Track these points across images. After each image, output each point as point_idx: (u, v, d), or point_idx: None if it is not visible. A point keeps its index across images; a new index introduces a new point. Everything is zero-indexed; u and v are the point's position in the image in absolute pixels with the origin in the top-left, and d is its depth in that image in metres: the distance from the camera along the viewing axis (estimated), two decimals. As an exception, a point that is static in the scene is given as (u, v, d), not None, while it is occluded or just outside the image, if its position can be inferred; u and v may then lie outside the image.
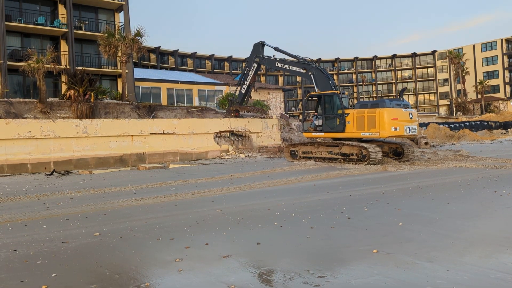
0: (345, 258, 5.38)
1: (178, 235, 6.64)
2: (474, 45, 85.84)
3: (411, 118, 17.58)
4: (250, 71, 23.15)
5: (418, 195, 9.69)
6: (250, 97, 25.15)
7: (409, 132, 17.47)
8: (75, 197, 10.82)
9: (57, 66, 23.27)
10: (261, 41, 22.54)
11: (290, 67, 20.98)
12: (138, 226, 7.35)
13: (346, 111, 18.27)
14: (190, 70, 71.95)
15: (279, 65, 21.48)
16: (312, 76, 19.78)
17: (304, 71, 20.22)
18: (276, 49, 21.79)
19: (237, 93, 24.60)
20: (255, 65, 22.83)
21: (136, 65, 60.15)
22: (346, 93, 19.77)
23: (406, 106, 17.83)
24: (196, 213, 8.36)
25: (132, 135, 20.13)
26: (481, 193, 9.76)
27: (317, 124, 19.60)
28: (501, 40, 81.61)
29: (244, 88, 23.83)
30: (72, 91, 21.63)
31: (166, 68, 71.13)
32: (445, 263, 4.93)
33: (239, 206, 9.00)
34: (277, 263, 5.24)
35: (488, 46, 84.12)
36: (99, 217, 8.20)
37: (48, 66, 21.43)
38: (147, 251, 5.84)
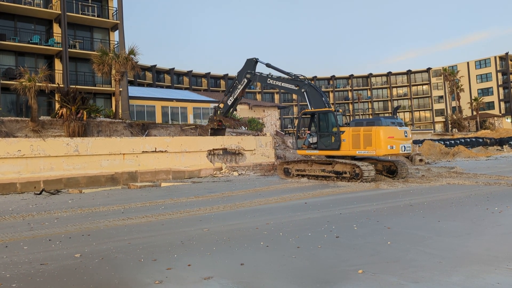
0: (329, 279, 5.23)
1: (161, 256, 6.47)
2: (468, 63, 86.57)
3: (406, 136, 17.52)
4: (240, 86, 22.76)
5: (409, 213, 9.56)
6: (236, 110, 24.77)
7: (404, 150, 17.37)
8: (61, 217, 10.63)
9: (50, 85, 23.19)
10: (255, 58, 22.30)
11: (282, 83, 20.74)
12: (121, 246, 7.17)
13: (341, 129, 18.16)
14: (186, 88, 72.23)
15: (271, 81, 21.24)
16: (305, 93, 19.65)
17: (296, 88, 20.07)
18: (268, 65, 21.58)
19: (223, 104, 24.23)
20: (245, 80, 22.47)
21: (132, 83, 60.34)
22: (340, 110, 19.65)
23: (400, 124, 17.78)
24: (183, 232, 8.20)
25: (124, 154, 19.97)
26: (472, 210, 9.64)
27: (311, 142, 19.50)
28: (495, 57, 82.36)
29: (230, 100, 23.35)
30: (64, 110, 21.53)
31: (162, 86, 71.34)
32: (430, 284, 4.79)
33: (227, 225, 8.84)
34: (259, 284, 5.08)
35: (482, 63, 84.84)
36: (82, 237, 8.02)
37: (40, 84, 21.37)
38: (127, 273, 5.67)
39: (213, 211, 10.76)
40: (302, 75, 20.20)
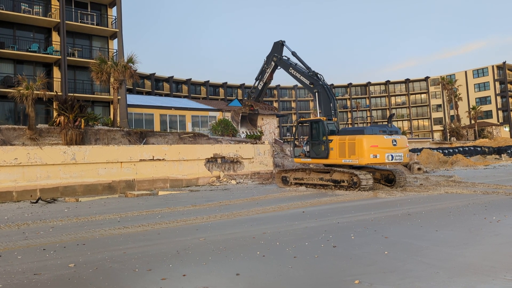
0: (325, 289, 5.17)
1: (156, 266, 6.40)
2: (466, 72, 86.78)
3: (394, 145, 17.25)
4: (268, 69, 22.88)
5: (407, 222, 9.50)
6: (266, 94, 25.31)
7: (392, 160, 17.02)
8: (57, 226, 10.55)
9: (48, 93, 23.20)
10: (281, 41, 22.37)
11: (301, 76, 20.63)
12: (116, 256, 7.10)
13: (330, 137, 18.15)
14: (185, 96, 72.18)
15: (292, 71, 21.14)
16: (316, 93, 19.63)
17: (311, 86, 20.04)
18: (294, 53, 21.59)
19: (254, 88, 24.28)
20: (273, 63, 22.56)
21: (130, 91, 60.37)
22: (335, 119, 19.40)
23: (391, 133, 17.53)
24: (178, 242, 8.13)
25: (121, 162, 19.90)
26: (470, 219, 9.59)
27: (306, 150, 19.48)
28: (492, 66, 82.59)
29: (260, 84, 23.58)
30: (62, 118, 21.46)
31: (161, 94, 71.33)
32: (427, 295, 4.73)
33: (224, 234, 8.77)
34: (254, 295, 5.02)
35: (480, 72, 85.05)
36: (77, 247, 7.95)
37: (38, 92, 21.34)
38: (121, 283, 5.60)
39: (210, 220, 10.69)
40: (320, 74, 20.09)
